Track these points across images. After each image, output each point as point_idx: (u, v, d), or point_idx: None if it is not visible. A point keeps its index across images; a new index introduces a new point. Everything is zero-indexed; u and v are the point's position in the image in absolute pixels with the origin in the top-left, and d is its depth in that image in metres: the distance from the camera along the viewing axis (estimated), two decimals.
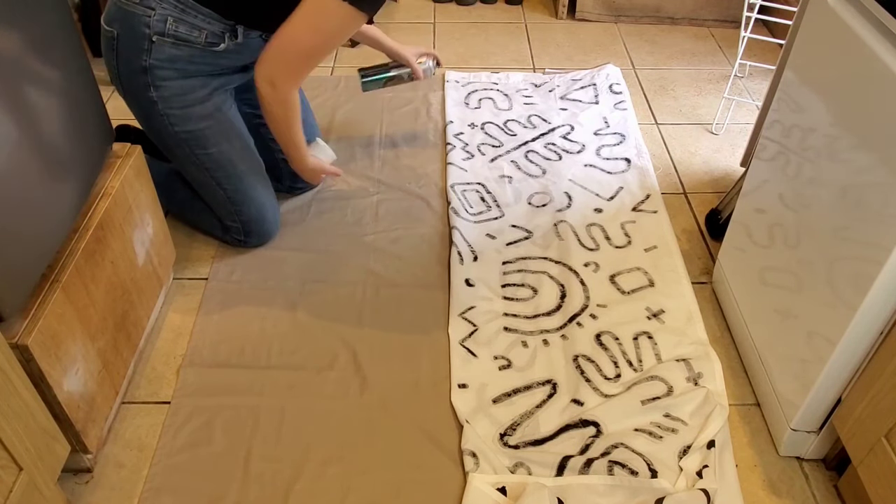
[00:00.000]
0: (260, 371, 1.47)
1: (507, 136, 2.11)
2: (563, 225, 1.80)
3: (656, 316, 1.57)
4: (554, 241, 1.76)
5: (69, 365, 1.17)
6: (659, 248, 1.74)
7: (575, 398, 1.40)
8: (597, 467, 1.28)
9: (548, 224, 1.81)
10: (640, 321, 1.56)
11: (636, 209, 1.86)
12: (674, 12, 2.74)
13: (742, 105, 2.29)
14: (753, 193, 1.45)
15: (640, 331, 1.54)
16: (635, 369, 1.46)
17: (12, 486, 1.01)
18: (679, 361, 1.46)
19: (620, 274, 1.67)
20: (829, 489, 1.29)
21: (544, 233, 1.79)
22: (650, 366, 1.46)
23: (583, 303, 1.60)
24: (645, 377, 1.43)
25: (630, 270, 1.68)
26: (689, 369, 1.45)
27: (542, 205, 1.87)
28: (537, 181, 1.94)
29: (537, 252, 1.74)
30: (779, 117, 1.33)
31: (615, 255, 1.72)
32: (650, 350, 1.50)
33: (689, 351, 1.49)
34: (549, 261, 1.71)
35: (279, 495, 1.26)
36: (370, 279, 1.68)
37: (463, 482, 1.28)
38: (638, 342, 1.51)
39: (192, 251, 1.75)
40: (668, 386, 1.41)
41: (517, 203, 1.88)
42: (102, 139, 1.37)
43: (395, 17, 2.82)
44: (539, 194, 1.90)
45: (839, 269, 1.13)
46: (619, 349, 1.50)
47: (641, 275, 1.67)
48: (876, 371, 1.10)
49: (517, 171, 1.98)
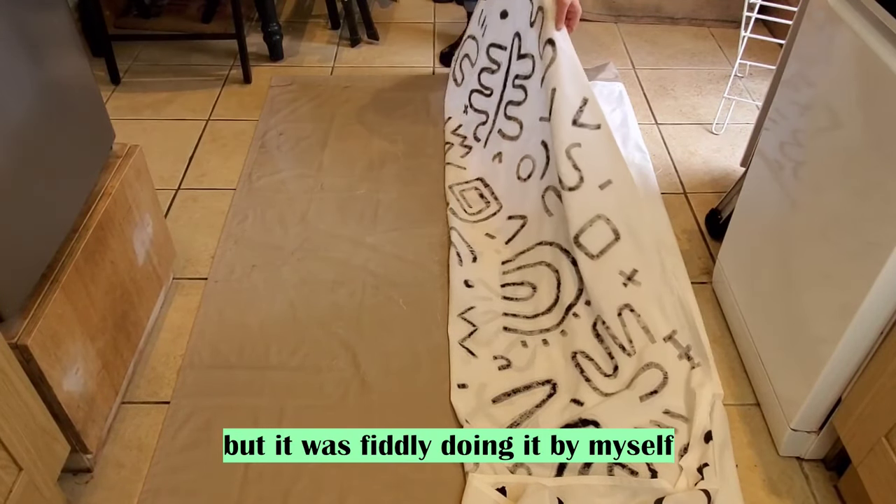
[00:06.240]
0: (259, 371, 1.47)
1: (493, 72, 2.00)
2: (548, 194, 1.70)
3: (631, 279, 1.52)
4: (545, 219, 1.71)
5: (69, 365, 1.17)
6: (614, 183, 1.59)
7: (575, 398, 1.40)
8: (597, 468, 1.28)
9: (536, 198, 1.74)
10: (617, 290, 1.52)
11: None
12: (674, 12, 2.74)
13: (742, 105, 2.29)
14: (753, 193, 1.45)
15: (622, 304, 1.50)
16: (629, 353, 1.45)
17: (12, 486, 1.01)
18: (667, 341, 1.46)
19: (584, 232, 1.57)
20: (829, 489, 1.29)
21: (535, 211, 1.73)
22: (641, 346, 1.45)
23: (577, 287, 1.57)
24: (641, 367, 1.42)
25: (592, 222, 1.56)
26: (678, 346, 1.45)
27: (527, 175, 1.79)
28: (517, 144, 1.86)
29: (532, 239, 1.71)
30: (779, 117, 1.33)
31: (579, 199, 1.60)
32: (636, 325, 1.48)
33: (673, 320, 1.48)
34: (543, 245, 1.68)
35: (279, 495, 1.26)
36: (370, 279, 1.68)
37: (463, 482, 1.28)
38: (623, 318, 1.49)
39: (192, 251, 1.75)
40: (664, 373, 1.41)
41: (509, 183, 1.84)
42: (102, 139, 1.37)
43: (394, 17, 2.82)
44: (525, 160, 1.81)
45: (839, 269, 1.13)
46: (610, 335, 1.48)
47: (603, 224, 1.56)
48: (876, 371, 1.10)
49: (503, 142, 1.91)
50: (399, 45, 2.64)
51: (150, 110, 2.26)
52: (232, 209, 1.87)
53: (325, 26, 2.75)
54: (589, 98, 1.61)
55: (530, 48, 1.78)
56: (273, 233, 1.80)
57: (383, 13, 2.84)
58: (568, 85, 1.61)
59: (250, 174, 1.99)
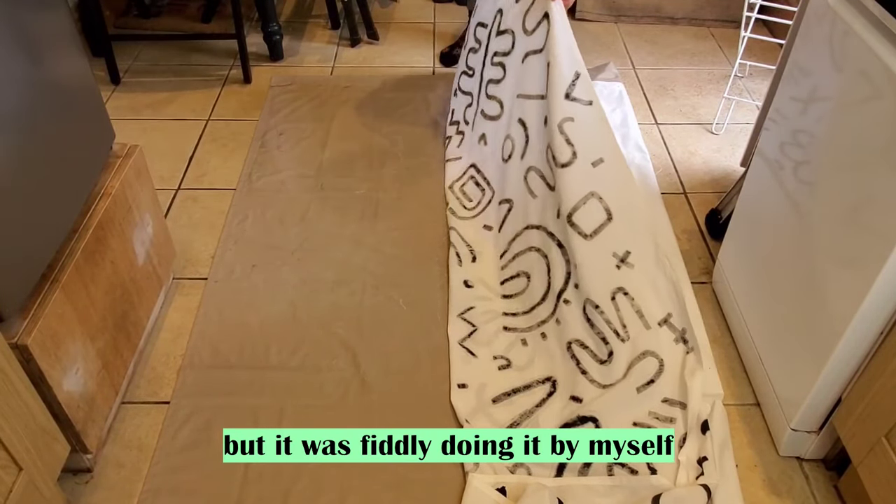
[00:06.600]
0: (259, 371, 1.47)
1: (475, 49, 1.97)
2: (531, 175, 1.68)
3: (624, 261, 1.50)
4: (529, 201, 1.68)
5: (69, 365, 1.17)
6: (606, 162, 1.56)
7: (573, 395, 1.40)
8: (597, 468, 1.28)
9: (518, 180, 1.71)
10: (611, 273, 1.49)
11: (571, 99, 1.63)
12: (674, 12, 2.74)
13: (742, 105, 2.29)
14: (753, 193, 1.45)
15: (616, 287, 1.48)
16: (622, 339, 1.43)
17: (12, 486, 1.01)
18: (662, 325, 1.45)
19: (577, 210, 1.53)
20: (829, 489, 1.29)
21: (519, 194, 1.70)
22: (636, 332, 1.44)
23: (565, 270, 1.54)
24: (636, 356, 1.41)
25: (585, 199, 1.54)
26: (673, 329, 1.44)
27: (508, 156, 1.76)
28: (499, 124, 1.83)
29: (520, 223, 1.69)
30: (779, 117, 1.33)
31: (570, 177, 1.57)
32: (630, 309, 1.46)
33: (668, 303, 1.47)
34: (531, 228, 1.66)
35: (279, 495, 1.26)
36: (370, 279, 1.68)
37: (463, 482, 1.28)
38: (616, 303, 1.47)
39: (192, 251, 1.75)
40: (659, 360, 1.40)
41: (496, 166, 1.82)
42: (102, 139, 1.37)
43: (394, 17, 2.82)
44: (507, 140, 1.78)
45: (839, 269, 1.13)
46: (604, 319, 1.46)
47: (597, 202, 1.53)
48: (876, 371, 1.10)
49: (486, 123, 1.88)
50: (399, 45, 2.64)
51: (150, 110, 2.26)
52: (232, 209, 1.87)
53: (325, 26, 2.75)
54: (581, 73, 1.59)
55: (511, 24, 1.75)
56: (273, 233, 1.80)
57: (383, 13, 2.84)
58: (562, 58, 1.59)
59: (250, 174, 1.99)
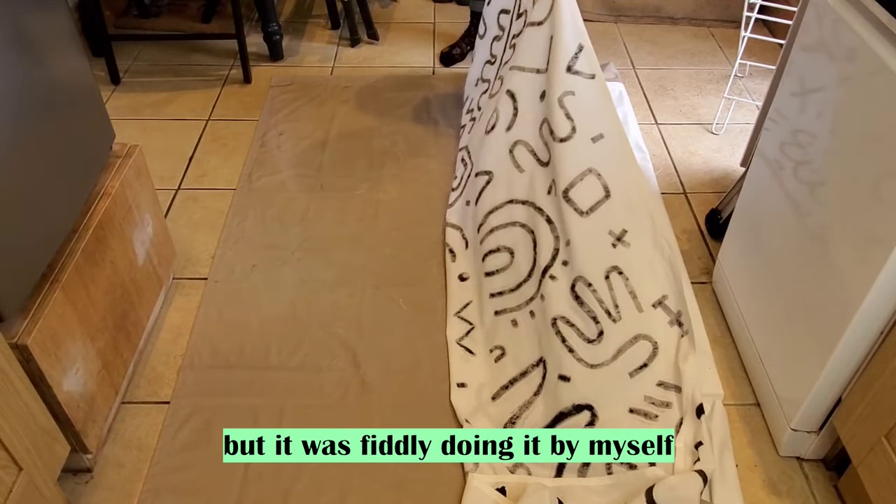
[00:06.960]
0: (259, 371, 1.47)
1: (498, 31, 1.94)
2: (518, 149, 1.63)
3: (620, 240, 1.47)
4: (515, 175, 1.62)
5: (69, 365, 1.17)
6: (606, 138, 1.53)
7: (561, 373, 1.37)
8: (596, 468, 1.28)
9: (501, 153, 1.65)
10: (606, 251, 1.46)
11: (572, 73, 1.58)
12: (674, 12, 2.74)
13: (742, 105, 2.29)
14: (753, 193, 1.45)
15: (610, 266, 1.45)
16: (614, 319, 1.41)
17: (12, 486, 1.01)
18: (656, 307, 1.43)
19: (574, 186, 1.50)
20: (829, 489, 1.29)
21: (502, 167, 1.65)
22: (628, 314, 1.41)
23: (553, 247, 1.51)
24: (628, 339, 1.39)
25: (583, 176, 1.50)
26: (668, 311, 1.43)
27: (491, 127, 1.69)
28: (492, 99, 1.81)
29: (501, 197, 1.64)
30: (779, 117, 1.33)
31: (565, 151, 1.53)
32: (624, 289, 1.43)
33: (664, 285, 1.45)
34: (515, 203, 1.61)
35: (279, 495, 1.26)
36: (369, 279, 1.68)
37: (463, 482, 1.28)
38: (610, 282, 1.44)
39: (192, 251, 1.75)
40: (653, 343, 1.39)
41: (479, 139, 1.78)
42: (102, 139, 1.37)
43: (394, 17, 2.82)
44: (494, 113, 1.71)
45: (839, 269, 1.13)
46: (595, 298, 1.43)
47: (594, 179, 1.50)
48: (876, 371, 1.10)
49: (485, 100, 1.87)
50: (399, 45, 2.64)
51: (150, 110, 2.26)
52: (232, 209, 1.87)
53: (325, 26, 2.75)
54: (585, 45, 1.55)
55: (525, 4, 1.71)
56: (273, 233, 1.80)
57: (383, 13, 2.84)
58: (566, 30, 1.55)
59: (250, 174, 1.99)
